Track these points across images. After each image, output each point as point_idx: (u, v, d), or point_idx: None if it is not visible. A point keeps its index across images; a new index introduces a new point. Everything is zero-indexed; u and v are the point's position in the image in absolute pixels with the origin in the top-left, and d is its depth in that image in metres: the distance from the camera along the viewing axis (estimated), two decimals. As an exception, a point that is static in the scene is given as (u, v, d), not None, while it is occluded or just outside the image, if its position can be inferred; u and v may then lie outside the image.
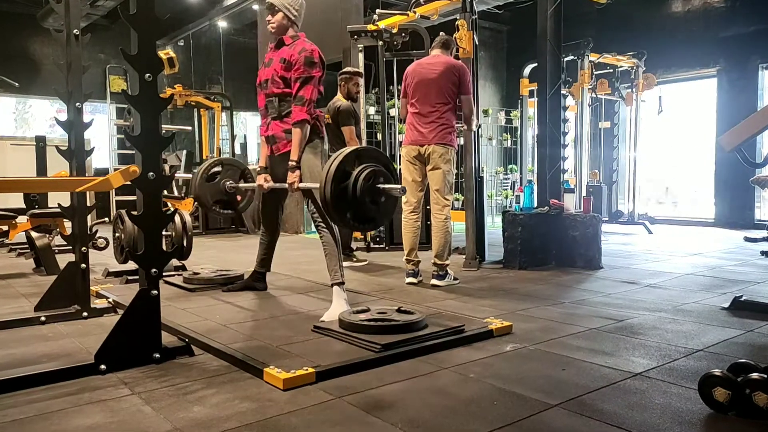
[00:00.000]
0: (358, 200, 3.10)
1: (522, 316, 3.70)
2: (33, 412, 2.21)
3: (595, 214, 5.75)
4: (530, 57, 9.46)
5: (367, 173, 3.11)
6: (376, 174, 3.14)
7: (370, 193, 3.12)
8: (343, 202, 3.12)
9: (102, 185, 2.79)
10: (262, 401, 2.31)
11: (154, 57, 2.74)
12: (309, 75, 3.92)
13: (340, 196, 3.10)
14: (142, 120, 2.70)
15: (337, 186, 3.09)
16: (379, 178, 3.15)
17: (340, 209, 3.12)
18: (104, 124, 12.15)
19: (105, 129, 12.04)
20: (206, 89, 13.46)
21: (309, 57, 3.92)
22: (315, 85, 3.95)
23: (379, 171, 3.15)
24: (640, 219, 9.46)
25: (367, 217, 3.21)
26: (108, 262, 5.60)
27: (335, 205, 3.09)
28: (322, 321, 3.39)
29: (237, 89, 13.69)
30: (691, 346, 3.02)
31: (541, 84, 6.13)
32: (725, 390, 2.11)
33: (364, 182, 3.09)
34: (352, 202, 3.12)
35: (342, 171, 3.11)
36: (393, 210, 3.37)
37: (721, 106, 10.13)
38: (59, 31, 3.64)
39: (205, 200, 4.60)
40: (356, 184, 3.09)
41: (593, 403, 2.26)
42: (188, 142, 13.52)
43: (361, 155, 3.20)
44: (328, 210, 3.15)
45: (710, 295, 4.30)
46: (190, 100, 11.20)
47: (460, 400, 2.32)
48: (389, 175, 3.21)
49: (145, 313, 2.72)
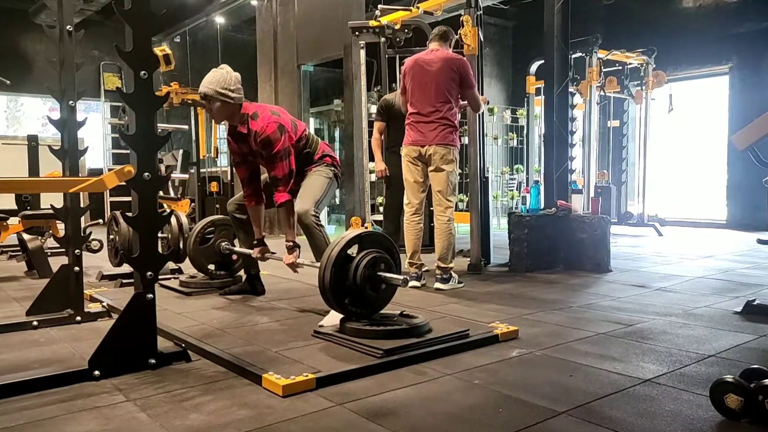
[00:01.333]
0: (357, 287, 3.14)
1: (528, 320, 3.70)
2: (25, 419, 2.22)
3: (603, 216, 5.75)
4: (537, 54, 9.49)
5: (369, 260, 3.15)
6: (377, 261, 3.18)
7: (371, 280, 3.17)
8: (342, 288, 3.17)
9: (96, 186, 2.79)
10: (261, 408, 2.31)
11: (149, 54, 2.74)
12: (272, 154, 3.87)
13: (340, 281, 3.15)
14: (137, 119, 2.70)
15: (338, 271, 3.14)
16: (380, 265, 3.20)
17: (338, 294, 3.16)
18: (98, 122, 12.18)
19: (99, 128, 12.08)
20: (203, 87, 13.44)
21: (264, 140, 3.86)
22: (284, 158, 3.88)
23: (380, 258, 3.20)
24: (650, 221, 9.45)
25: (365, 303, 3.23)
26: (102, 264, 5.61)
27: (333, 290, 3.14)
28: (322, 326, 3.39)
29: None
30: (702, 351, 3.02)
31: (548, 82, 6.13)
32: (737, 397, 2.11)
33: (364, 270, 3.13)
34: (351, 288, 3.16)
35: (343, 257, 3.16)
36: (391, 297, 3.40)
37: (734, 104, 10.12)
38: (52, 27, 3.65)
39: (201, 264, 4.76)
40: (357, 271, 3.13)
41: (601, 411, 2.26)
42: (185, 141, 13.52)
43: (364, 240, 3.25)
44: (325, 294, 3.19)
45: (722, 299, 4.30)
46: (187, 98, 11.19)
47: (464, 407, 2.32)
48: (391, 263, 3.25)
49: (140, 318, 2.72)
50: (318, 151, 4.19)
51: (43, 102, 12.75)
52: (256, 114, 3.91)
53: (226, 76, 3.84)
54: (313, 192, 4.04)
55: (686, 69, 10.60)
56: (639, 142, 9.85)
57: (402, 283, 3.18)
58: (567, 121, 6.25)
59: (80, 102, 3.65)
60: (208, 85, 3.82)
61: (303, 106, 10.02)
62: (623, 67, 9.59)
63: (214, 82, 3.81)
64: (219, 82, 3.81)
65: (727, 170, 10.25)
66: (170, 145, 12.03)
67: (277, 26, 10.16)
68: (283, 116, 3.99)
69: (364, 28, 6.96)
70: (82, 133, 3.66)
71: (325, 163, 4.19)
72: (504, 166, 11.66)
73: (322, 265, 3.19)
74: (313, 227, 3.94)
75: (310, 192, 4.04)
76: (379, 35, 6.93)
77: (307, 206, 3.94)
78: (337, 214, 12.17)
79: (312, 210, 3.94)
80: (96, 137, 11.88)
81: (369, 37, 7.05)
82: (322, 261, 3.22)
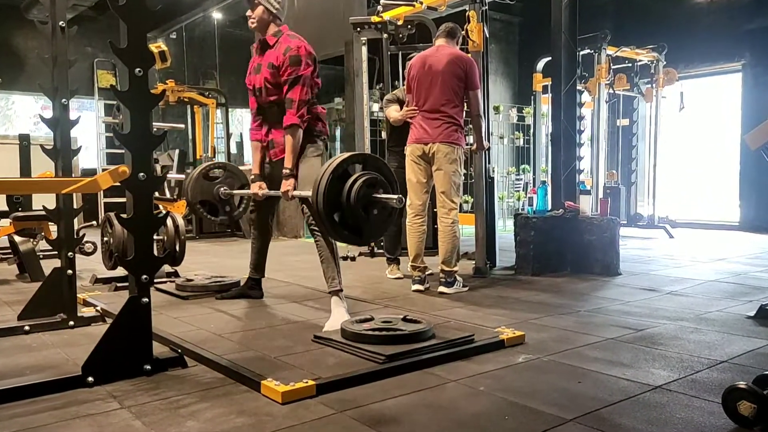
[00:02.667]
0: (351, 205, 3.10)
1: (535, 325, 3.70)
2: (16, 427, 2.22)
3: (612, 218, 5.75)
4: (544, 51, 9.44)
5: (368, 178, 3.12)
6: (376, 183, 3.16)
7: (365, 199, 3.13)
8: (336, 203, 3.12)
9: (89, 186, 2.80)
10: (260, 416, 2.31)
11: (144, 50, 2.75)
12: (297, 75, 3.90)
13: (334, 192, 3.10)
14: (132, 117, 2.70)
15: (334, 181, 3.10)
16: (378, 188, 3.17)
17: (330, 208, 3.12)
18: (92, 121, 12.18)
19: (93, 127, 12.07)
20: (200, 85, 13.49)
21: (294, 56, 3.90)
22: (305, 84, 3.91)
23: (380, 181, 3.18)
24: (660, 222, 9.44)
25: (355, 225, 3.19)
26: (96, 268, 5.61)
27: (327, 201, 3.09)
28: (324, 331, 3.39)
29: (232, 85, 13.70)
30: (714, 357, 3.02)
31: (555, 79, 6.12)
32: (751, 404, 2.10)
33: (362, 186, 3.10)
34: (344, 205, 3.12)
35: (343, 170, 3.12)
36: (382, 231, 3.38)
37: (747, 102, 10.11)
38: (44, 23, 3.65)
39: (192, 196, 4.60)
40: (353, 185, 3.10)
41: (611, 418, 2.26)
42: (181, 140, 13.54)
43: (368, 161, 3.25)
44: (317, 203, 3.13)
45: (735, 303, 4.29)
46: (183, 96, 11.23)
47: (469, 414, 2.32)
48: (389, 188, 3.23)
49: (135, 323, 2.73)
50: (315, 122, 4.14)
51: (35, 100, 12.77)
52: (295, 36, 4.00)
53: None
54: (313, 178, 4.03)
55: (698, 66, 10.59)
56: (649, 141, 9.84)
57: (396, 202, 3.14)
58: (575, 119, 6.24)
59: (73, 100, 3.66)
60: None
61: (303, 104, 10.00)
62: (633, 65, 9.58)
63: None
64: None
65: (739, 171, 10.23)
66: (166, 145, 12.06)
67: (276, 22, 10.16)
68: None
69: (366, 24, 6.97)
70: (75, 132, 3.66)
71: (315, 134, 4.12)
72: (510, 166, 11.65)
73: (318, 174, 3.16)
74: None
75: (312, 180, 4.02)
76: (382, 31, 6.94)
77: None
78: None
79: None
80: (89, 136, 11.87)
81: (371, 33, 7.06)
82: (320, 170, 3.19)
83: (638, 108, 10.50)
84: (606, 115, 9.09)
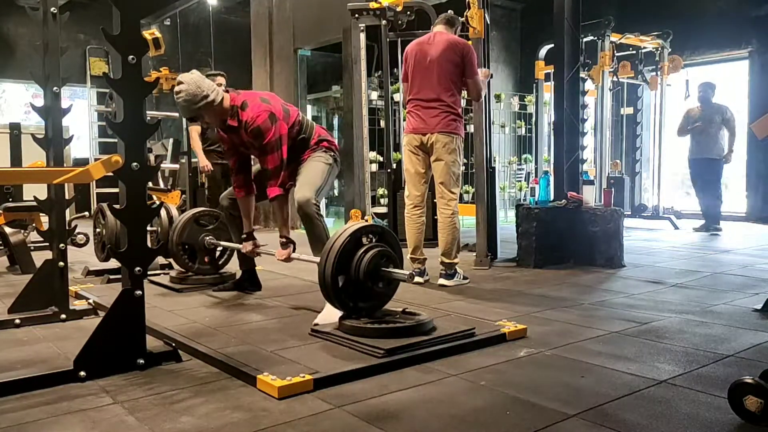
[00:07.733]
0: (360, 281, 3.15)
1: (537, 318, 3.70)
2: (6, 423, 2.22)
3: (616, 208, 5.74)
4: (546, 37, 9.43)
5: (374, 254, 3.17)
6: (381, 255, 3.20)
7: (374, 275, 3.18)
8: (344, 282, 3.17)
9: (82, 176, 2.78)
10: (256, 411, 2.31)
11: (138, 37, 2.73)
12: (263, 145, 3.85)
13: (343, 263, 3.15)
14: (125, 106, 2.69)
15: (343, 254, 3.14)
16: (384, 259, 3.22)
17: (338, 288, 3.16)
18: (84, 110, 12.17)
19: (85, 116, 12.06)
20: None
21: (255, 130, 3.82)
22: (275, 149, 3.86)
23: (384, 252, 3.22)
24: (665, 213, 9.45)
25: (356, 294, 3.22)
26: (88, 259, 5.60)
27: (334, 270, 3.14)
28: (317, 324, 3.38)
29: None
30: (720, 351, 3.01)
31: (558, 67, 6.11)
32: (757, 399, 2.10)
33: (368, 264, 3.14)
34: (353, 282, 3.17)
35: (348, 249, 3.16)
36: (378, 307, 3.37)
37: (754, 90, 10.09)
38: (35, 9, 3.63)
39: (177, 235, 4.62)
40: (360, 264, 3.15)
41: (614, 413, 2.26)
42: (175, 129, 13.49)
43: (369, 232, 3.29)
44: (325, 287, 3.19)
45: (742, 296, 4.29)
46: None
47: (469, 409, 2.32)
48: (399, 265, 3.30)
49: (128, 316, 2.72)
50: (314, 135, 4.16)
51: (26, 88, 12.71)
52: (246, 104, 3.86)
53: (191, 87, 3.69)
54: (314, 179, 4.02)
55: (704, 53, 10.56)
56: (654, 130, 9.82)
57: (408, 278, 3.19)
58: (578, 108, 6.24)
59: (65, 88, 3.65)
60: (189, 108, 3.73)
61: (300, 92, 10.00)
62: (637, 52, 9.56)
63: (189, 100, 3.69)
64: (192, 97, 3.69)
65: (746, 160, 10.22)
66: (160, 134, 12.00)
67: (273, 8, 10.13)
68: (274, 103, 3.95)
69: (365, 11, 6.94)
70: (67, 121, 3.65)
71: (322, 148, 4.16)
72: (512, 156, 11.65)
73: (323, 254, 3.19)
74: (314, 217, 3.92)
75: (310, 179, 4.01)
76: (380, 18, 6.91)
77: (308, 195, 3.91)
78: (336, 207, 12.16)
79: (313, 199, 3.92)
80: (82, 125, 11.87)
81: (369, 19, 7.03)
82: (324, 250, 3.22)
83: (642, 96, 10.47)
84: (610, 104, 9.08)
